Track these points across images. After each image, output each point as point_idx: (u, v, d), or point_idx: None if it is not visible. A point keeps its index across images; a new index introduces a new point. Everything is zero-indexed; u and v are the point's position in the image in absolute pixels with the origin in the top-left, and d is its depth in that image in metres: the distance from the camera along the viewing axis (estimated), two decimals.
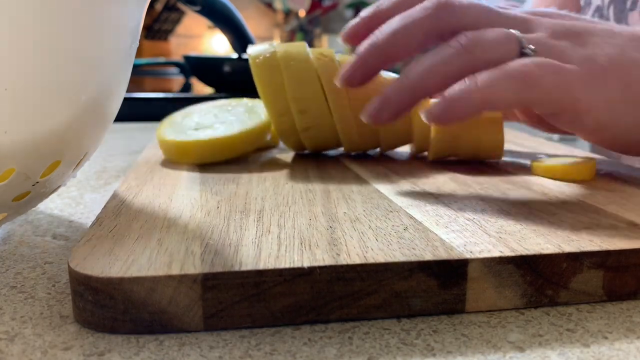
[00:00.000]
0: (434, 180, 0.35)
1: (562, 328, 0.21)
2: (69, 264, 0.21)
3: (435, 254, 0.22)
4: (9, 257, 0.28)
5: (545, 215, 0.28)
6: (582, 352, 0.20)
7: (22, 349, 0.20)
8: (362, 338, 0.21)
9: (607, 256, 0.23)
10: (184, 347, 0.20)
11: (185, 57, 1.02)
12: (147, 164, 0.39)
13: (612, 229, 0.25)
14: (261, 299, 0.21)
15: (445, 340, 0.21)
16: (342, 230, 0.25)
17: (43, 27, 0.22)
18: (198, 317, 0.21)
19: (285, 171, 0.37)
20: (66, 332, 0.21)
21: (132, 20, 0.27)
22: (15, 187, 0.25)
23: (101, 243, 0.23)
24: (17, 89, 0.22)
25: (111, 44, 0.26)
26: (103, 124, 0.28)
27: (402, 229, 0.25)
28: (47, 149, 0.25)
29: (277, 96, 0.39)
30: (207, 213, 0.28)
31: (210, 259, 0.22)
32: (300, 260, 0.21)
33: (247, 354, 0.20)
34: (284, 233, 0.25)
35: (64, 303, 0.23)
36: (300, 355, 0.20)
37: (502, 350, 0.20)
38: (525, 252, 0.23)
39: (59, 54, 0.23)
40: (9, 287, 0.25)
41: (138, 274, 0.20)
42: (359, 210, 0.28)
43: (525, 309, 0.23)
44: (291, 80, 0.39)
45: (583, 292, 0.23)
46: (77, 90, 0.25)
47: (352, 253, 0.22)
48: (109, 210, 0.28)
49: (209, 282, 0.20)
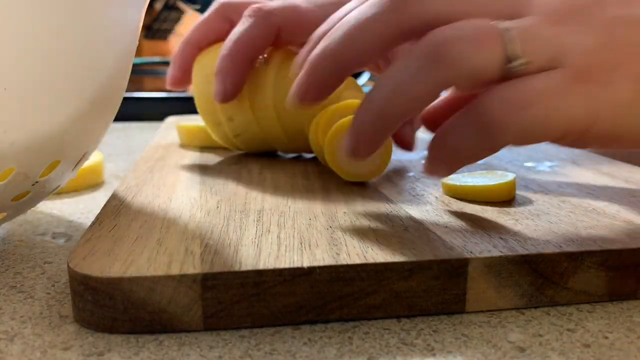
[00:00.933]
0: (434, 180, 0.35)
1: (563, 328, 0.21)
2: (69, 264, 0.21)
3: (436, 254, 0.22)
4: (9, 257, 0.28)
5: (545, 215, 0.28)
6: (582, 352, 0.20)
7: (21, 348, 0.20)
8: (362, 338, 0.21)
9: (608, 256, 0.23)
10: (183, 347, 0.20)
11: None
12: (147, 163, 0.39)
13: (612, 229, 0.25)
14: (261, 299, 0.21)
15: (445, 340, 0.20)
16: (342, 230, 0.25)
17: (43, 27, 0.22)
18: (198, 317, 0.21)
19: (285, 171, 0.37)
20: (65, 332, 0.21)
21: (131, 20, 0.27)
22: (14, 187, 0.25)
23: (101, 243, 0.23)
24: (17, 89, 0.22)
25: (111, 43, 0.25)
26: (103, 123, 0.28)
27: (402, 229, 0.25)
28: (47, 148, 0.25)
29: (209, 106, 0.41)
30: (206, 213, 0.28)
31: (210, 258, 0.22)
32: (300, 260, 0.21)
33: (247, 353, 0.20)
34: (283, 233, 0.25)
35: (63, 303, 0.23)
36: (300, 355, 0.20)
37: (502, 350, 0.20)
38: (525, 252, 0.23)
39: (59, 53, 0.23)
40: (9, 287, 0.25)
41: (137, 273, 0.20)
42: (359, 210, 0.28)
43: (525, 309, 0.23)
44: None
45: (583, 292, 0.23)
46: (77, 90, 0.25)
47: (352, 253, 0.22)
48: (109, 210, 0.28)
49: (208, 282, 0.20)
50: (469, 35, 0.25)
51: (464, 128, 0.25)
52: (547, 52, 0.25)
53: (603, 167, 0.39)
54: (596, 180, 0.35)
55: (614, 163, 0.41)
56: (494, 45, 0.25)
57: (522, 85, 0.25)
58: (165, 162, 0.40)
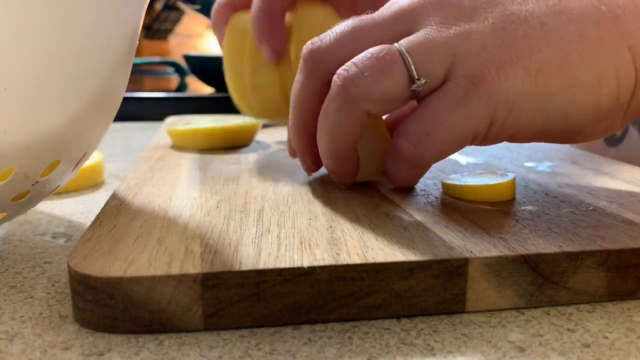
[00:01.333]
0: (434, 179, 0.35)
1: (563, 328, 0.21)
2: (69, 264, 0.21)
3: (436, 254, 0.22)
4: (9, 257, 0.28)
5: (545, 215, 0.28)
6: (582, 352, 0.20)
7: (21, 348, 0.20)
8: (362, 338, 0.21)
9: (608, 256, 0.23)
10: (183, 346, 0.20)
11: (185, 56, 1.02)
12: (147, 163, 0.39)
13: (612, 229, 0.25)
14: (261, 299, 0.21)
15: (445, 340, 0.20)
16: (342, 229, 0.25)
17: (43, 27, 0.22)
18: (198, 317, 0.21)
19: (285, 171, 0.37)
20: (66, 332, 0.21)
21: (131, 20, 0.27)
22: (14, 187, 0.25)
23: (101, 242, 0.23)
24: (17, 89, 0.22)
25: (111, 43, 0.25)
26: (102, 123, 0.28)
27: (402, 229, 0.25)
28: (47, 148, 0.25)
29: (237, 56, 0.44)
30: (206, 213, 0.28)
31: (210, 258, 0.22)
32: (300, 260, 0.21)
33: (247, 353, 0.20)
34: (283, 232, 0.25)
35: (63, 303, 0.23)
36: (300, 355, 0.20)
37: (502, 350, 0.20)
38: (525, 251, 0.23)
39: (59, 53, 0.23)
40: (9, 287, 0.25)
41: (138, 273, 0.20)
42: (358, 210, 0.28)
43: (525, 309, 0.23)
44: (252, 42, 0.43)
45: (583, 292, 0.23)
46: (76, 90, 0.24)
47: (352, 253, 0.22)
48: (109, 210, 0.28)
49: (208, 282, 0.20)
50: (370, 66, 0.27)
51: (394, 162, 0.29)
52: (443, 65, 0.27)
53: (603, 167, 0.39)
54: (596, 180, 0.35)
55: (614, 163, 0.41)
56: (395, 71, 0.26)
57: (425, 112, 0.27)
58: (165, 162, 0.40)
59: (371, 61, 0.27)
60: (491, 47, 0.26)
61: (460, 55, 0.26)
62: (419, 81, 0.26)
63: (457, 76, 0.26)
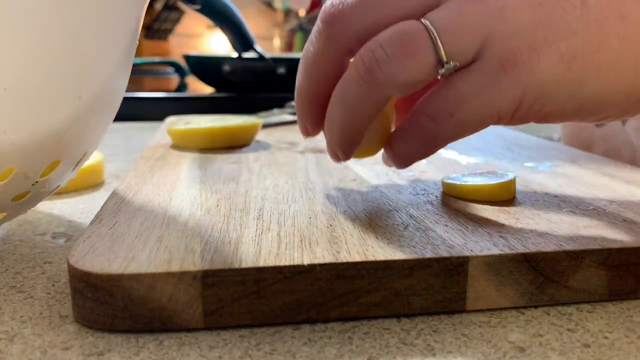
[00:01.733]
0: (434, 179, 0.35)
1: (563, 328, 0.21)
2: (69, 261, 0.21)
3: (436, 252, 0.22)
4: (9, 257, 0.28)
5: (545, 214, 0.28)
6: (582, 352, 0.20)
7: (21, 348, 0.20)
8: (362, 338, 0.21)
9: (608, 254, 0.23)
10: (183, 346, 0.20)
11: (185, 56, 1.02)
12: (147, 162, 0.39)
13: (612, 228, 0.25)
14: (261, 297, 0.21)
15: (445, 340, 0.20)
16: (342, 228, 0.25)
17: (43, 27, 0.22)
18: (198, 314, 0.21)
19: (285, 170, 0.37)
20: (66, 332, 0.21)
21: (131, 20, 0.27)
22: (14, 187, 0.25)
23: (101, 240, 0.23)
24: (17, 89, 0.22)
25: (111, 43, 0.25)
26: (102, 123, 0.28)
27: (402, 228, 0.25)
28: (47, 148, 0.25)
29: None
30: (206, 211, 0.28)
31: (210, 256, 0.22)
32: (300, 258, 0.21)
33: (247, 353, 0.20)
34: (284, 231, 0.25)
35: (63, 303, 0.23)
36: (300, 355, 0.20)
37: (502, 350, 0.20)
38: (525, 250, 0.22)
39: (59, 54, 0.23)
40: (9, 287, 0.25)
41: (138, 270, 0.20)
42: (359, 209, 0.28)
43: (525, 309, 0.23)
44: None
45: (583, 291, 0.23)
46: (76, 90, 0.24)
47: (352, 251, 0.22)
48: (109, 208, 0.28)
49: (208, 280, 0.20)
50: (397, 49, 0.25)
51: (409, 137, 0.27)
52: (473, 46, 0.25)
53: (603, 167, 0.39)
54: (596, 180, 0.35)
55: (614, 163, 0.41)
56: (423, 55, 0.25)
57: (450, 92, 0.26)
58: (166, 161, 0.40)
59: (398, 43, 0.25)
60: (525, 27, 0.25)
61: (492, 36, 0.25)
62: (447, 65, 0.25)
63: (488, 58, 0.25)
